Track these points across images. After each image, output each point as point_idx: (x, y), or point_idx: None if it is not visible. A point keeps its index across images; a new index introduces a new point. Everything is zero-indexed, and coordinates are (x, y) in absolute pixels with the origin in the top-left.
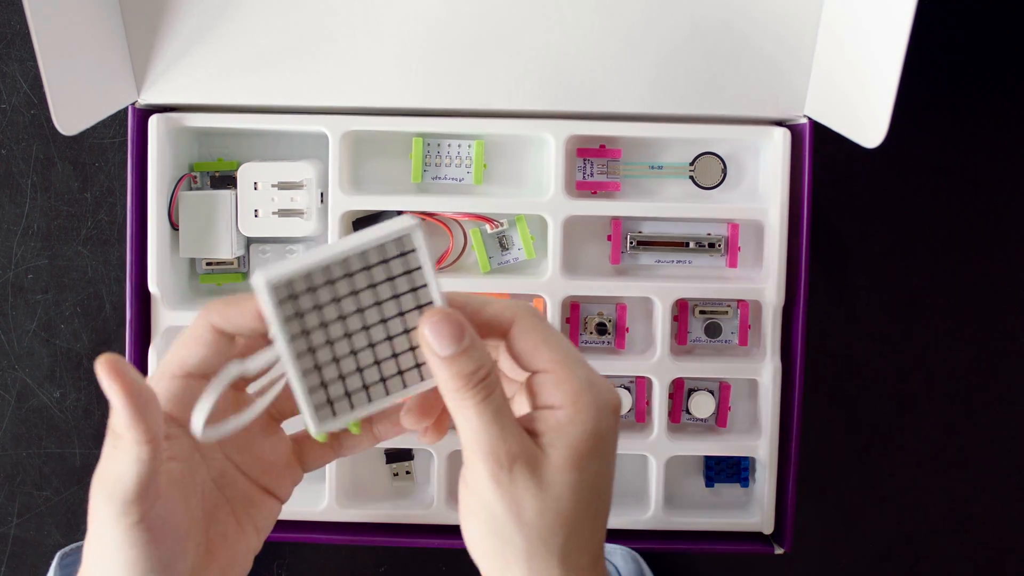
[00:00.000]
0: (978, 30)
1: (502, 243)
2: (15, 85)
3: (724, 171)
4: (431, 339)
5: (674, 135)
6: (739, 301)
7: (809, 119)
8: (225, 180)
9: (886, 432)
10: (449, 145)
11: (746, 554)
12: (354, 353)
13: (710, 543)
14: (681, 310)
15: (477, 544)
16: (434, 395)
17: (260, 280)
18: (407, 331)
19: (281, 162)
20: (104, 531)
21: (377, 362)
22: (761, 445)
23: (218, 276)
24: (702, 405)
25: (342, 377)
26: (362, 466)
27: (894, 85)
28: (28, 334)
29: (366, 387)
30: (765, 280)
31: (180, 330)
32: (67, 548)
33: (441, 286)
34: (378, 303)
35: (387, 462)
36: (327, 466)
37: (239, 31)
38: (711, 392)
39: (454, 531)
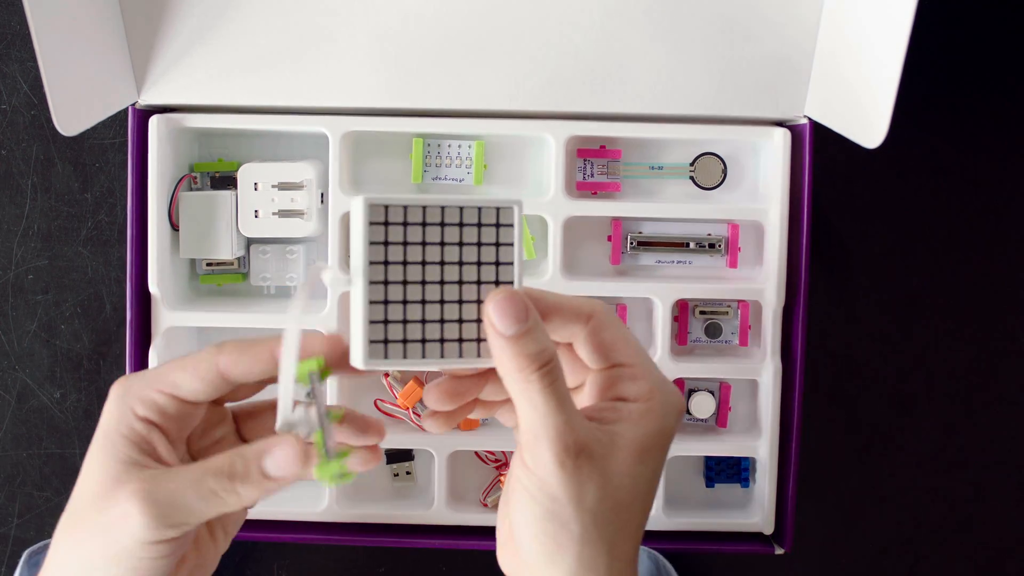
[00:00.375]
0: (978, 30)
1: None
2: (15, 85)
3: (724, 171)
4: (494, 316)
5: (674, 136)
6: (739, 301)
7: (809, 119)
8: (225, 180)
9: (886, 432)
10: (449, 146)
11: (746, 554)
12: (423, 303)
13: (710, 543)
14: (681, 310)
15: (528, 525)
16: (470, 382)
17: (359, 198)
18: (479, 302)
19: (281, 163)
20: (113, 546)
21: (442, 321)
22: (761, 445)
23: (218, 276)
24: (702, 405)
25: (405, 322)
26: None
27: (894, 85)
28: (28, 335)
29: (424, 341)
30: (765, 280)
31: (181, 331)
32: (35, 547)
33: (523, 273)
34: (460, 263)
35: (387, 462)
36: None
37: (239, 32)
38: (711, 392)
39: (454, 532)
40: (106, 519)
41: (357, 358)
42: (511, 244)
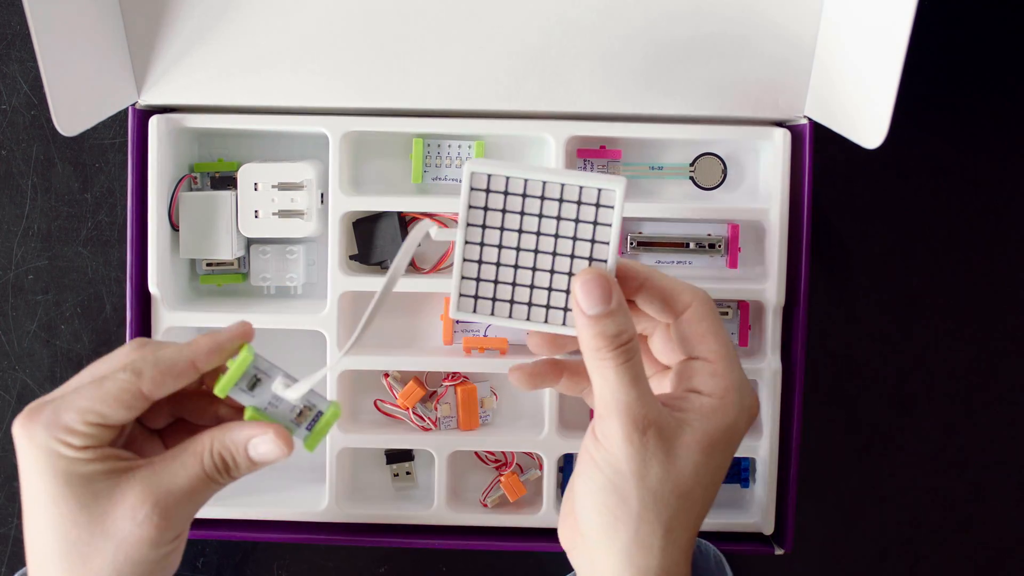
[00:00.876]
0: (978, 30)
1: None
2: (15, 85)
3: (724, 172)
4: (580, 296)
5: (674, 136)
6: (739, 302)
7: (809, 119)
8: (225, 181)
9: (886, 432)
10: (449, 146)
11: (746, 554)
12: (516, 268)
13: (710, 543)
14: None
15: (590, 496)
16: (549, 374)
17: (467, 163)
18: (570, 274)
19: (281, 163)
20: (133, 557)
21: (531, 287)
22: (761, 445)
23: (218, 277)
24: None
25: (496, 282)
26: (362, 467)
27: (894, 85)
28: (28, 335)
29: (512, 302)
30: (765, 281)
31: (181, 331)
32: (20, 572)
33: (617, 254)
34: (556, 236)
35: (387, 463)
36: (327, 466)
37: (239, 32)
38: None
39: (454, 532)
40: (117, 539)
41: (452, 309)
42: (609, 224)
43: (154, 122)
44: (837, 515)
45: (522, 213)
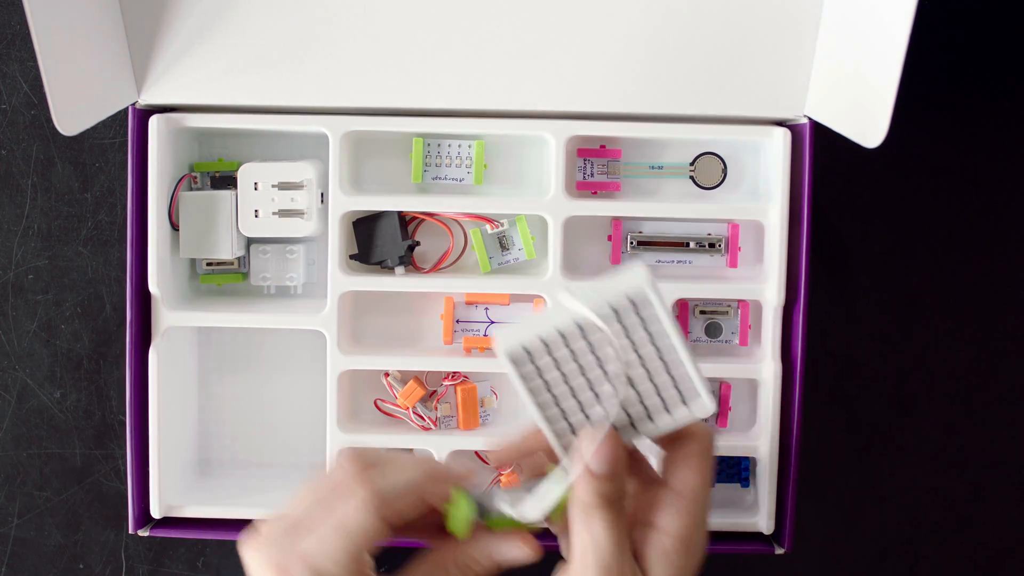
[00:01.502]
0: (978, 30)
1: (502, 243)
2: (15, 85)
3: (724, 171)
4: (586, 451)
5: (674, 135)
6: (739, 301)
7: (809, 119)
8: (225, 180)
9: (886, 432)
10: (449, 145)
11: (746, 554)
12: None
13: (710, 543)
14: (681, 310)
15: None
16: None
17: (497, 347)
18: (649, 378)
19: (281, 162)
20: None
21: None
22: (761, 445)
23: (218, 276)
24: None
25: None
26: None
27: (894, 85)
28: (28, 334)
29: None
30: (765, 280)
31: (180, 331)
32: None
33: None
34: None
35: None
36: (327, 466)
37: (239, 31)
38: (711, 392)
39: None
40: None
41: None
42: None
43: (154, 122)
44: (837, 515)
45: (573, 351)
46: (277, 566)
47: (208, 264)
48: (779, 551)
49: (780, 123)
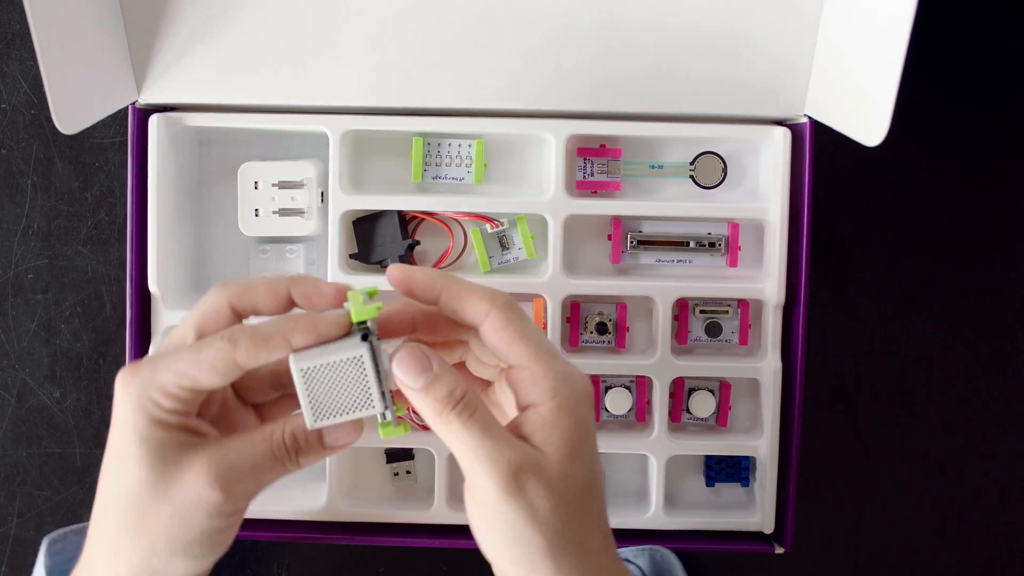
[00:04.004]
0: (979, 28)
1: (502, 242)
2: (15, 85)
3: (724, 170)
4: (400, 375)
5: (674, 134)
6: (739, 300)
7: (810, 118)
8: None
9: (886, 432)
10: (449, 145)
11: (746, 554)
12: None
13: (710, 543)
14: (681, 309)
15: (499, 552)
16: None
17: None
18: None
19: (281, 161)
20: (191, 528)
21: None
22: (761, 445)
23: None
24: (702, 405)
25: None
26: (362, 466)
27: (895, 83)
28: (28, 334)
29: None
30: (765, 280)
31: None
32: (55, 533)
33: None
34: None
35: (387, 462)
36: (327, 466)
37: (239, 31)
38: (711, 392)
39: (454, 531)
40: (178, 506)
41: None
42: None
43: (154, 121)
44: (837, 515)
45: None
46: (122, 379)
47: None
48: (779, 551)
49: (780, 122)
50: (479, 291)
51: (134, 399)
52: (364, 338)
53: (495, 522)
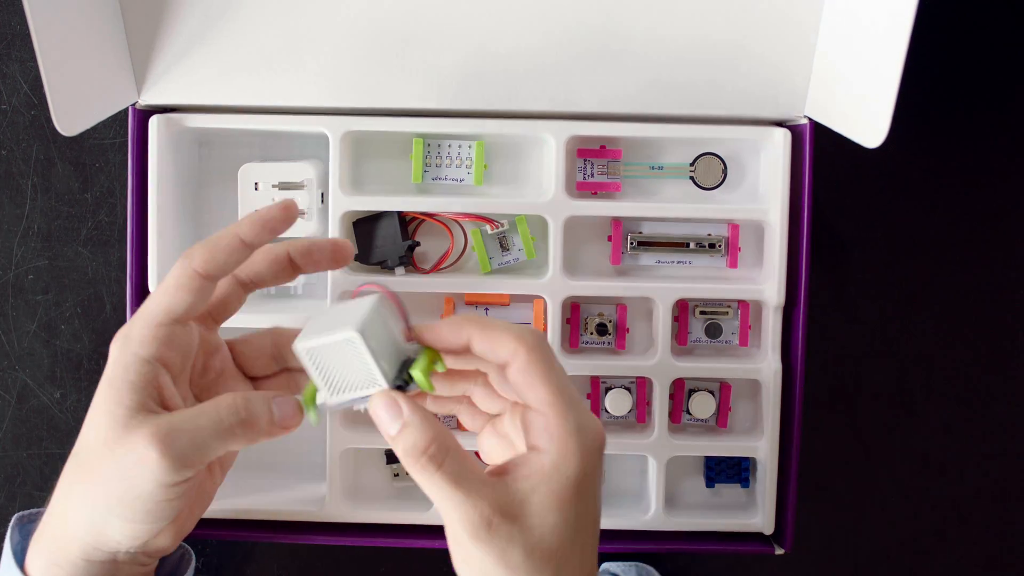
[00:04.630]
0: (979, 29)
1: (502, 244)
2: (15, 85)
3: (724, 171)
4: (376, 422)
5: (674, 135)
6: (739, 301)
7: (809, 119)
8: None
9: (886, 432)
10: (449, 146)
11: (746, 554)
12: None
13: (711, 544)
14: (681, 310)
15: None
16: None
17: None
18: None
19: (282, 162)
20: (131, 491)
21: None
22: (761, 445)
23: None
24: (702, 405)
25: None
26: (362, 467)
27: (895, 85)
28: (28, 335)
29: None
30: (765, 280)
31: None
32: (25, 512)
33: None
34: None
35: (387, 463)
36: (327, 466)
37: (240, 32)
38: (711, 392)
39: None
40: (121, 465)
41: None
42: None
43: (154, 122)
44: (837, 515)
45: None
46: (114, 342)
47: None
48: (779, 551)
49: (780, 123)
50: (509, 330)
51: (119, 350)
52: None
53: (472, 562)
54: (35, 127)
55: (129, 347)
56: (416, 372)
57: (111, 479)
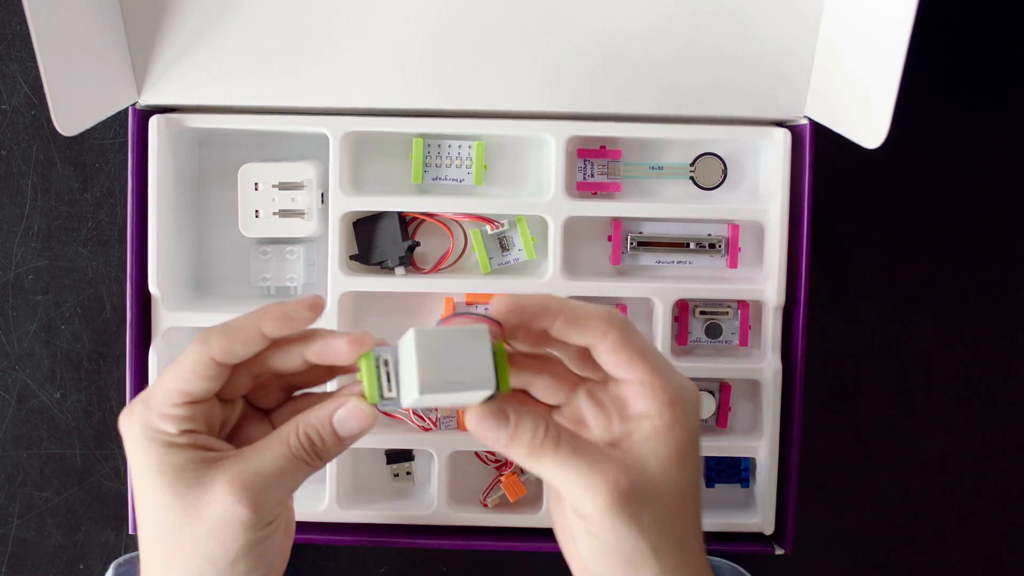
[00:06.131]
0: (979, 29)
1: (503, 244)
2: (15, 85)
3: (724, 172)
4: (481, 437)
5: (674, 136)
6: (739, 302)
7: (809, 120)
8: None
9: (886, 432)
10: (450, 146)
11: (746, 555)
12: None
13: (710, 544)
14: (681, 311)
15: (600, 557)
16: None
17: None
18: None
19: (282, 163)
20: (228, 545)
21: None
22: (761, 446)
23: None
24: (702, 405)
25: None
26: (362, 467)
27: (895, 85)
28: (28, 335)
29: None
30: (765, 281)
31: (181, 331)
32: (123, 558)
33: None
34: None
35: (387, 463)
36: (327, 466)
37: (240, 32)
38: (711, 393)
39: (454, 532)
40: (208, 525)
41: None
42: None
43: (154, 122)
44: (837, 515)
45: None
46: (124, 424)
47: None
48: (779, 551)
49: (780, 123)
50: (596, 312)
51: (138, 433)
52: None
53: (600, 533)
54: (35, 127)
55: (151, 424)
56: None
57: (206, 543)
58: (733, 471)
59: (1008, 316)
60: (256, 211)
